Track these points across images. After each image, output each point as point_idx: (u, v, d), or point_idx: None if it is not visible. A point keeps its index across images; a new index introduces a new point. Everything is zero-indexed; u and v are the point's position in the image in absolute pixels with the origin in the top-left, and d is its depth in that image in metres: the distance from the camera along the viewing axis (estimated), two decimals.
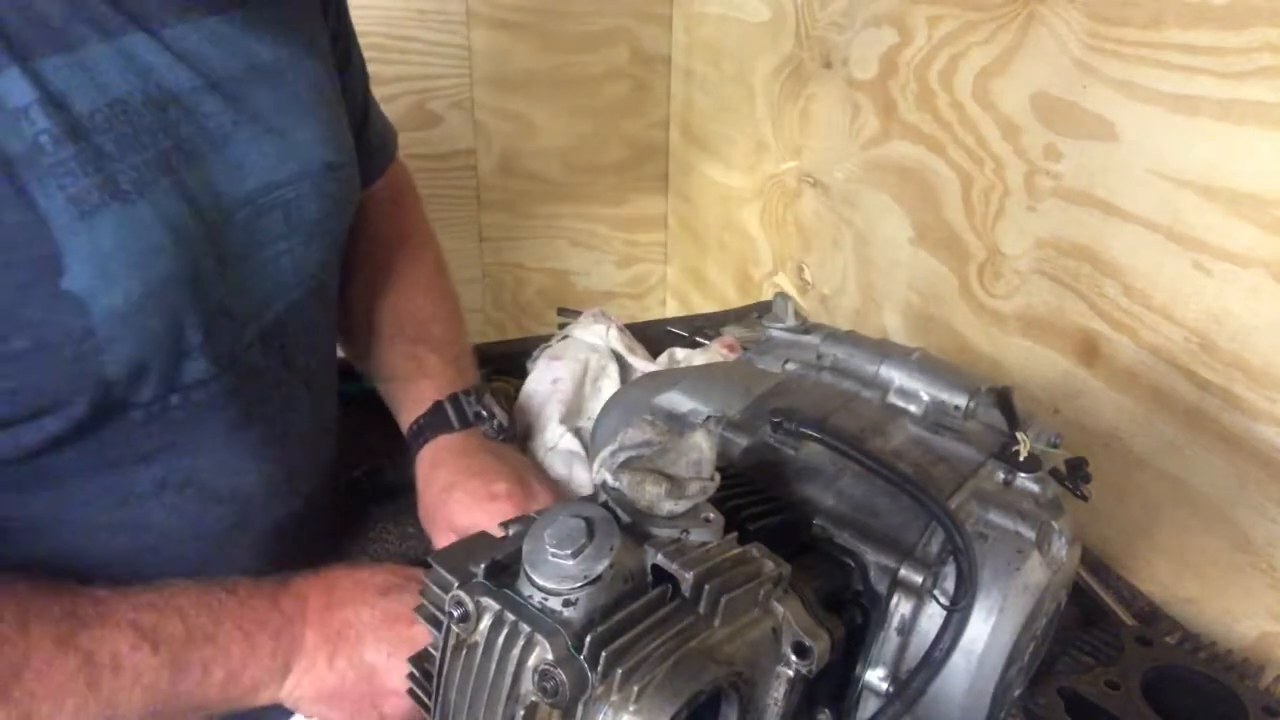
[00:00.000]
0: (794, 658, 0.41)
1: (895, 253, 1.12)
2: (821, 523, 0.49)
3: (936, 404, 0.57)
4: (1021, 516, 0.50)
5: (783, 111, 1.33)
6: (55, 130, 0.51)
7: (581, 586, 0.37)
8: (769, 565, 0.41)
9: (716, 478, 0.43)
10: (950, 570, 0.48)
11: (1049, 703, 0.60)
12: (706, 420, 0.57)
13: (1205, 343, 0.75)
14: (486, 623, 0.38)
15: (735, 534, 0.43)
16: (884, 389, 0.58)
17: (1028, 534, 0.50)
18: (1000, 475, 0.53)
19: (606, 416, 0.71)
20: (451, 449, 0.78)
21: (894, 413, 0.57)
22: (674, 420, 0.59)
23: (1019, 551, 0.49)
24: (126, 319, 0.54)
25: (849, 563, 0.48)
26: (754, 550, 0.42)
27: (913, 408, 0.57)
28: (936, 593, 0.47)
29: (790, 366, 0.63)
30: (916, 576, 0.47)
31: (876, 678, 0.48)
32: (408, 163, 0.99)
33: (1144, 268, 0.79)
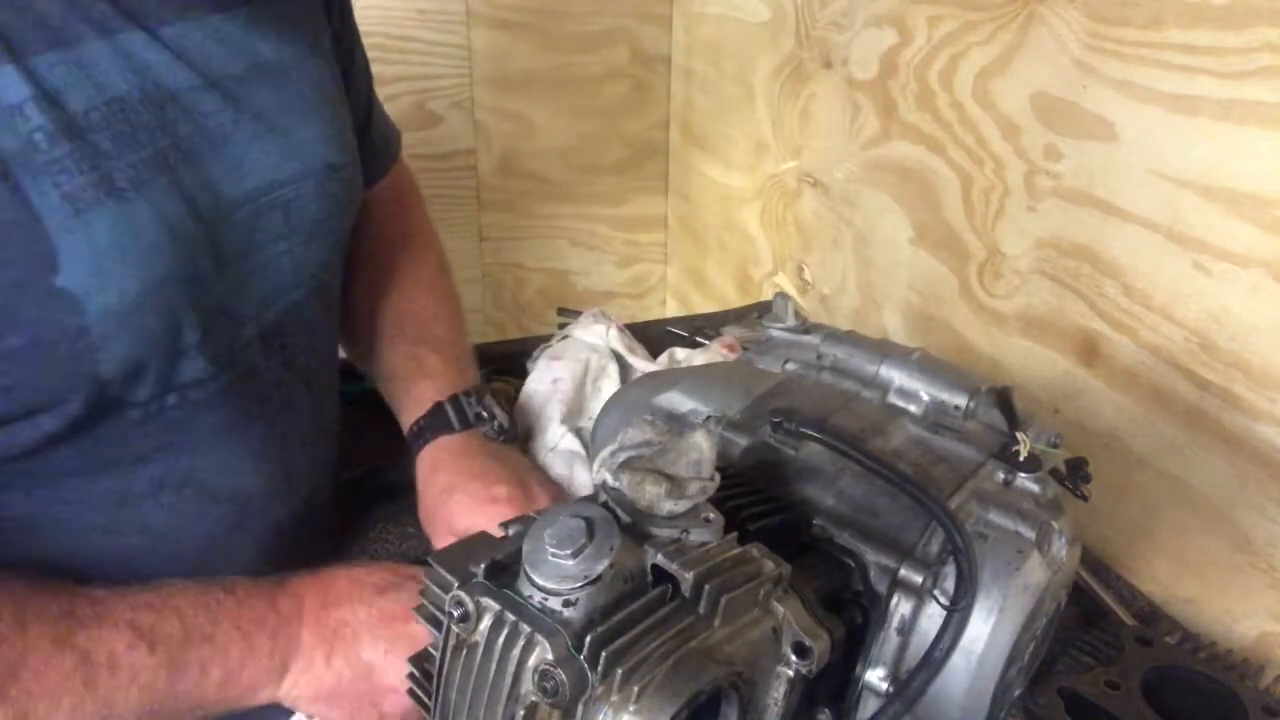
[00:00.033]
0: (794, 658, 0.41)
1: (895, 253, 1.12)
2: (821, 523, 0.49)
3: (936, 404, 0.57)
4: (1021, 516, 0.50)
5: (783, 111, 1.33)
6: (50, 127, 0.50)
7: (581, 586, 0.37)
8: (769, 565, 0.41)
9: (716, 478, 0.43)
10: (950, 570, 0.48)
11: (1049, 703, 0.60)
12: (706, 420, 0.57)
13: (1205, 343, 0.75)
14: (486, 623, 0.38)
15: (735, 534, 0.43)
16: (884, 389, 0.58)
17: (1028, 534, 0.50)
18: (1000, 475, 0.53)
19: (606, 416, 0.71)
20: (452, 450, 0.78)
21: (894, 413, 0.57)
22: (674, 420, 0.58)
23: (1019, 551, 0.49)
24: (122, 317, 0.54)
25: (849, 563, 0.48)
26: (754, 550, 0.42)
27: (913, 408, 0.57)
28: (936, 593, 0.47)
29: (790, 366, 0.63)
30: (916, 576, 0.47)
31: (876, 678, 0.48)
32: (408, 163, 0.99)
33: (1144, 268, 0.79)
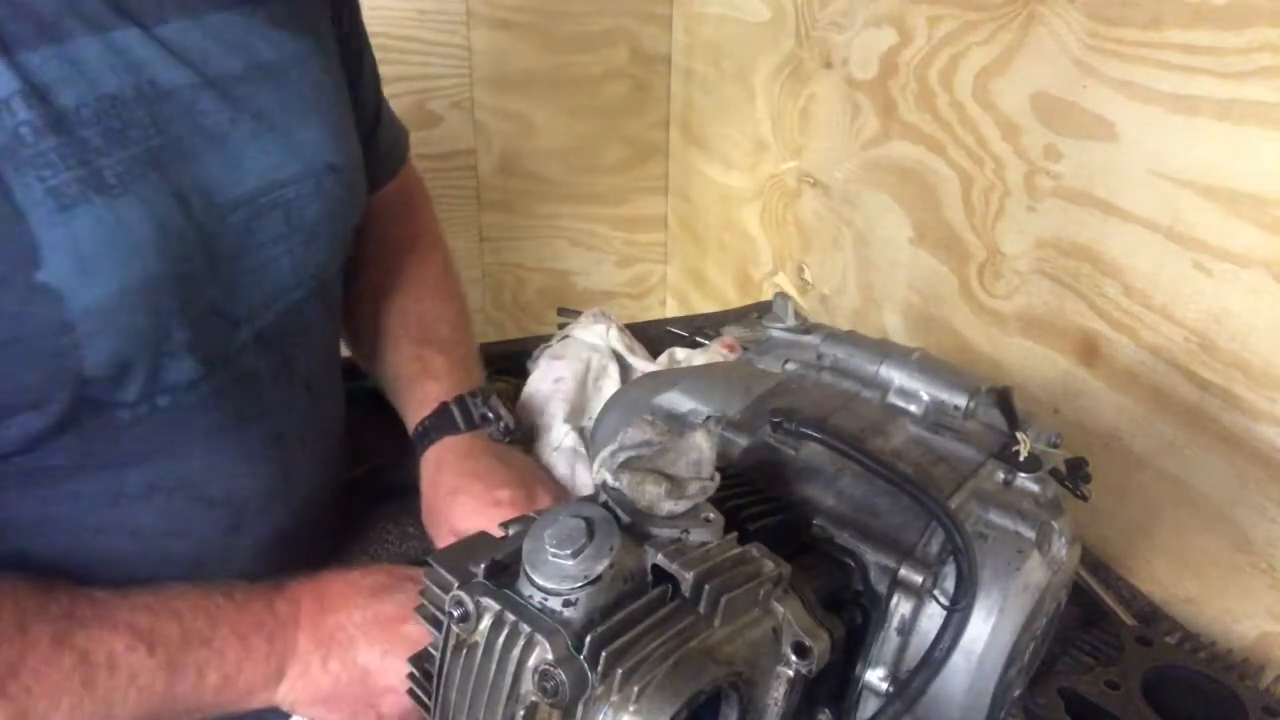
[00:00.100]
0: (794, 658, 0.41)
1: (895, 253, 1.12)
2: (821, 523, 0.49)
3: (936, 404, 0.57)
4: (1021, 516, 0.50)
5: (783, 111, 1.33)
6: (37, 122, 0.50)
7: (581, 586, 0.37)
8: (769, 565, 0.41)
9: (716, 478, 0.43)
10: (950, 570, 0.48)
11: (1049, 703, 0.60)
12: (706, 420, 0.57)
13: (1205, 343, 0.74)
14: (486, 623, 0.38)
15: (735, 534, 0.43)
16: (884, 389, 0.58)
17: (1028, 534, 0.49)
18: (1000, 475, 0.53)
19: (606, 416, 0.71)
20: (456, 451, 0.78)
21: (894, 413, 0.57)
22: (674, 420, 0.58)
23: (1019, 551, 0.49)
24: (106, 314, 0.53)
25: (849, 563, 0.48)
26: (754, 550, 0.42)
27: (913, 408, 0.57)
28: (936, 593, 0.47)
29: (790, 366, 0.63)
30: (916, 576, 0.47)
31: (876, 678, 0.48)
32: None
33: (1144, 268, 0.79)
